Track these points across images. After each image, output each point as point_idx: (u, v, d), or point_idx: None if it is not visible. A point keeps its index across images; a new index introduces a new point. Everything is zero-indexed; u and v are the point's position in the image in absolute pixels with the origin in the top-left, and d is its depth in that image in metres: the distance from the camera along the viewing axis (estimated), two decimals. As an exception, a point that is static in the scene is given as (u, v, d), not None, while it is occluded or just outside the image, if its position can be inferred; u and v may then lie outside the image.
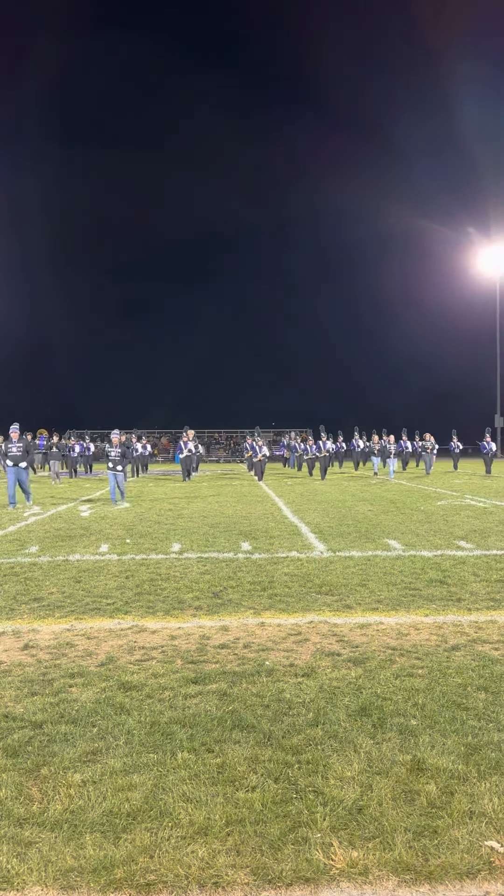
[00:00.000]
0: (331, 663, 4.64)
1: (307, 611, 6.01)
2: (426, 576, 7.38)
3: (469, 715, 3.75)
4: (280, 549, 9.12)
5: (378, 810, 2.85)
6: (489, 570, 7.62)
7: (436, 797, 2.93)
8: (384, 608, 6.09)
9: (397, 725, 3.62)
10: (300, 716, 3.76)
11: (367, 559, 8.37)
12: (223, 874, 2.51)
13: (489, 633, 5.32)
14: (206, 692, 4.11)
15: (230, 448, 53.97)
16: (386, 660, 4.70)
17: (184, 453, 24.02)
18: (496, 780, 3.06)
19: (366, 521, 12.05)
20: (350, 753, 3.33)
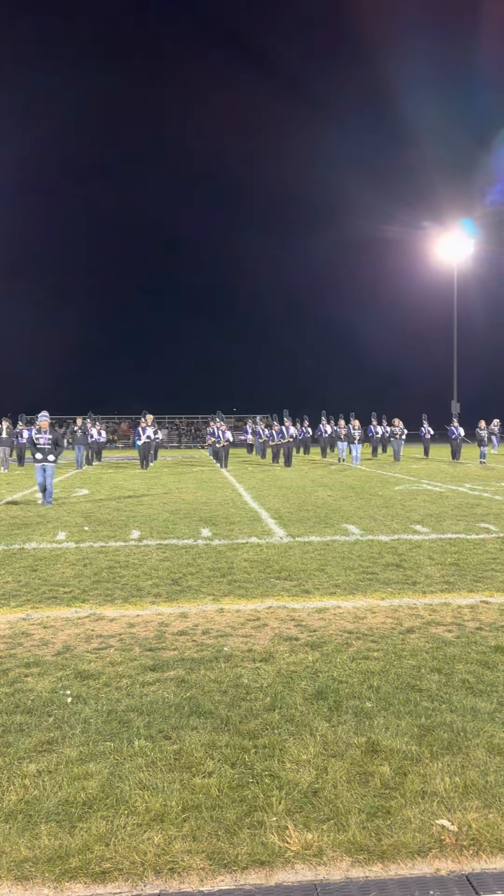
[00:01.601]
0: (288, 648, 4.68)
1: (266, 596, 6.04)
2: (383, 560, 7.48)
3: (423, 696, 3.82)
4: (240, 536, 9.14)
5: (333, 792, 2.89)
6: (444, 554, 7.75)
7: (389, 778, 2.98)
8: (342, 592, 6.15)
9: (353, 708, 3.67)
10: (257, 701, 3.79)
11: (326, 544, 8.44)
12: (179, 860, 2.52)
13: (443, 615, 5.41)
14: (163, 679, 4.11)
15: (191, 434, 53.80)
16: (343, 643, 4.76)
17: (142, 439, 23.81)
18: (448, 760, 3.13)
19: (325, 507, 12.15)
20: (306, 737, 3.36)
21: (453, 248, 46.12)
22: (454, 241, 46.07)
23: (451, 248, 46.20)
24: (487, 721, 3.49)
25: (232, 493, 14.78)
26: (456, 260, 46.26)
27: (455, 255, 46.14)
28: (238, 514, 11.37)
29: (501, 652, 4.53)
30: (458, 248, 46.08)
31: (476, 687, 3.94)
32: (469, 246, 46.57)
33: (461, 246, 46.12)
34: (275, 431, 26.43)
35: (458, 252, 46.11)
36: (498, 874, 2.43)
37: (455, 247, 46.04)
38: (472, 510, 11.52)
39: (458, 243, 46.02)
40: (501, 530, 9.36)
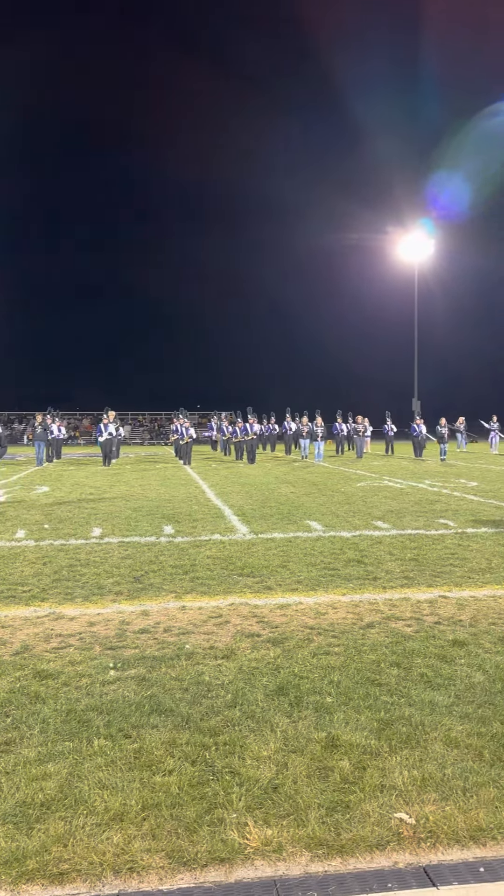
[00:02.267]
0: (250, 644, 4.68)
1: (228, 593, 6.04)
2: (344, 556, 7.53)
3: (382, 691, 3.85)
4: (203, 533, 9.11)
5: (293, 788, 2.90)
6: (404, 549, 7.83)
7: (349, 773, 3.00)
8: (304, 589, 6.18)
9: (313, 703, 3.68)
10: (219, 697, 3.78)
11: (289, 541, 8.47)
12: (138, 859, 2.50)
13: (402, 610, 5.47)
14: (124, 678, 4.08)
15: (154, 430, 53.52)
16: (304, 639, 4.77)
17: (104, 436, 23.59)
18: (406, 753, 3.16)
19: (288, 503, 12.19)
20: (267, 733, 3.37)
21: (414, 249, 46.63)
22: (414, 242, 46.59)
23: (412, 248, 46.70)
24: (445, 714, 3.54)
25: (195, 490, 14.74)
26: (417, 260, 46.77)
27: (416, 255, 46.65)
28: (201, 511, 11.34)
29: (459, 646, 4.59)
30: (419, 249, 46.61)
31: (434, 681, 3.99)
32: (429, 246, 47.14)
33: (421, 246, 46.65)
34: (238, 428, 26.42)
35: (418, 252, 46.63)
36: (454, 866, 2.46)
37: (415, 247, 46.55)
38: (431, 506, 11.66)
39: (419, 243, 46.54)
40: (459, 526, 9.50)
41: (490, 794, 2.82)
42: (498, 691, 3.82)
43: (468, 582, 6.38)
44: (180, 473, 19.82)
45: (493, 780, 2.92)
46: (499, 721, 3.45)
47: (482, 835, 2.60)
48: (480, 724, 3.42)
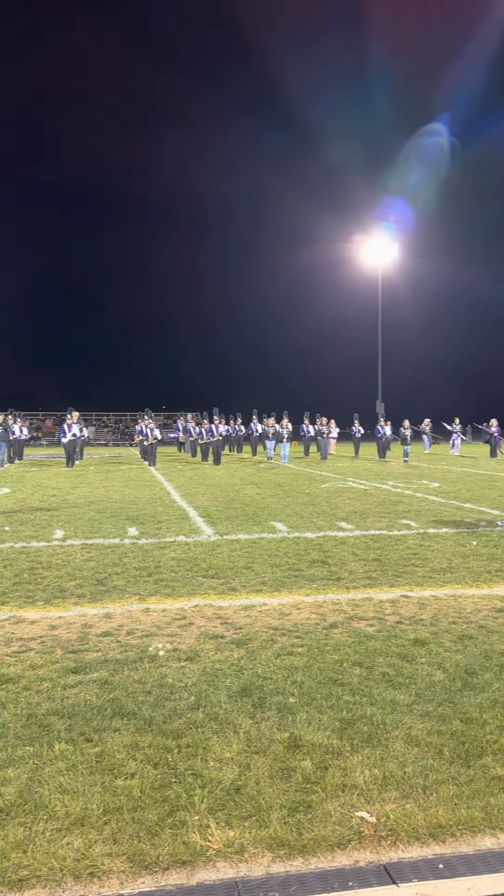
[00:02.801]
0: (214, 646, 4.67)
1: (193, 595, 6.02)
2: (309, 556, 7.56)
3: (344, 690, 3.87)
4: (168, 534, 9.07)
5: (255, 789, 2.90)
6: (367, 550, 7.90)
7: (311, 772, 3.02)
8: (268, 589, 6.19)
9: (276, 704, 3.69)
10: (182, 700, 3.77)
11: (254, 542, 8.48)
12: (99, 864, 2.47)
13: (365, 610, 5.52)
14: (86, 681, 4.04)
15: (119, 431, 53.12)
16: (268, 640, 4.78)
17: (67, 437, 23.33)
18: (368, 752, 3.18)
19: (253, 505, 12.20)
20: (230, 734, 3.36)
21: (377, 253, 47.10)
22: (378, 246, 47.06)
23: (376, 252, 47.17)
24: (406, 713, 3.58)
25: (160, 492, 14.67)
26: (381, 263, 47.24)
27: (379, 259, 47.12)
28: (166, 512, 11.30)
29: (420, 645, 4.64)
30: (382, 253, 47.09)
31: (395, 680, 4.03)
32: (393, 250, 47.64)
33: (385, 250, 47.14)
34: (204, 429, 26.37)
35: (382, 256, 47.10)
36: (414, 863, 2.49)
37: (379, 251, 47.02)
38: (394, 507, 11.78)
39: (382, 247, 47.03)
40: (421, 527, 9.61)
41: (449, 792, 2.86)
42: (457, 689, 3.88)
43: (429, 582, 6.45)
44: (145, 475, 19.70)
45: (452, 778, 2.96)
46: (458, 719, 3.50)
47: (442, 832, 2.64)
48: (440, 723, 3.46)
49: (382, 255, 47.12)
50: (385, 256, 47.26)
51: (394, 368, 53.63)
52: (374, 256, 47.31)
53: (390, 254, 47.46)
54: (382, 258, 47.18)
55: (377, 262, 47.27)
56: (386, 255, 47.27)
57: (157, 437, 25.02)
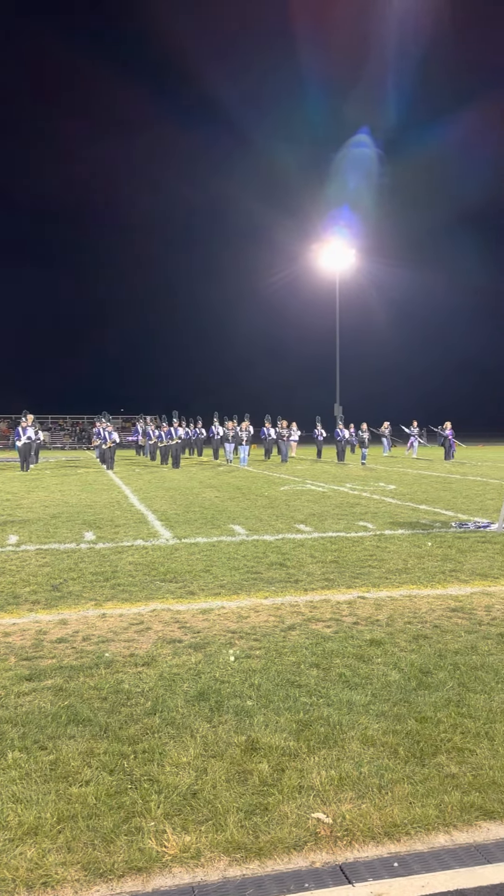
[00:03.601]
0: (171, 651, 4.64)
1: (150, 599, 5.97)
2: (267, 559, 7.58)
3: (301, 692, 3.89)
4: (125, 538, 9.00)
5: (212, 793, 2.89)
6: (325, 552, 7.95)
7: (268, 775, 3.02)
8: (226, 593, 6.18)
9: (233, 707, 3.68)
10: (138, 705, 3.73)
11: (212, 545, 8.46)
12: (53, 873, 2.43)
13: (322, 611, 5.55)
14: (40, 689, 3.97)
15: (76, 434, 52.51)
16: (226, 643, 4.77)
17: (22, 440, 22.96)
18: (324, 753, 3.20)
19: (212, 508, 12.17)
20: (187, 739, 3.34)
21: (334, 258, 47.54)
22: (335, 252, 47.50)
23: (333, 257, 47.61)
24: (362, 713, 3.60)
25: (118, 495, 14.54)
26: (338, 269, 47.67)
27: (337, 264, 47.56)
28: (124, 516, 11.20)
29: (376, 645, 4.69)
30: (339, 258, 47.53)
31: (352, 680, 4.06)
32: (350, 256, 48.12)
33: (342, 256, 47.59)
34: (163, 432, 26.24)
35: (339, 261, 47.55)
36: (369, 862, 2.50)
37: (336, 257, 47.46)
38: (351, 509, 11.88)
39: (339, 253, 47.48)
40: (378, 528, 9.71)
41: (404, 791, 2.89)
42: (412, 689, 3.92)
43: (385, 582, 6.52)
44: (102, 478, 19.51)
45: (407, 777, 2.99)
46: (413, 718, 3.54)
47: (396, 830, 2.66)
48: (396, 722, 3.50)
49: (339, 261, 47.57)
50: (342, 262, 47.71)
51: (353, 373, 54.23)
52: (331, 262, 47.74)
53: (347, 259, 47.93)
54: (339, 263, 47.63)
55: (334, 267, 47.71)
56: (343, 261, 47.72)
57: (116, 440, 24.81)
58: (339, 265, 47.66)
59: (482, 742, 3.29)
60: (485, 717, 3.56)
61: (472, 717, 3.55)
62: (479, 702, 3.74)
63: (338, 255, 47.41)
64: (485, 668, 4.24)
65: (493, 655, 4.49)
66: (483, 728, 3.43)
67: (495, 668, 4.25)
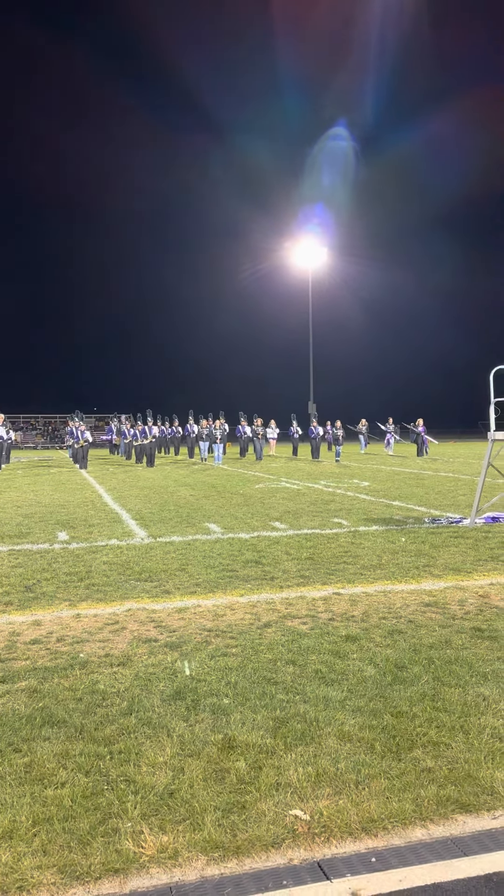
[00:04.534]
0: (147, 650, 4.61)
1: (125, 599, 5.93)
2: (243, 557, 7.57)
3: (278, 689, 3.89)
4: (99, 538, 8.93)
5: (189, 792, 2.87)
6: (300, 549, 7.96)
7: (245, 773, 3.01)
8: (202, 591, 6.16)
9: (210, 706, 3.67)
10: (114, 706, 3.70)
11: (188, 543, 8.43)
12: (28, 876, 2.40)
13: (298, 608, 5.55)
14: (14, 691, 3.92)
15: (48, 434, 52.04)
16: (202, 642, 4.75)
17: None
18: (301, 750, 3.20)
19: (187, 506, 12.14)
20: (163, 738, 3.32)
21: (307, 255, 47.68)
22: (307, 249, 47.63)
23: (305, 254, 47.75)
24: (338, 709, 3.61)
25: (91, 495, 14.43)
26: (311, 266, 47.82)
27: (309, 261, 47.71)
28: (98, 515, 11.12)
29: (351, 641, 4.70)
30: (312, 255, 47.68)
31: (328, 676, 4.06)
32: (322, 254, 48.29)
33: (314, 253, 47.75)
34: (138, 431, 26.10)
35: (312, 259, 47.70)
36: (347, 858, 2.51)
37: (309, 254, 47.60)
38: (326, 506, 11.92)
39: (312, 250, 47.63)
40: (352, 525, 9.75)
41: (381, 786, 2.90)
42: (388, 684, 3.94)
43: (360, 578, 6.55)
44: (76, 478, 19.35)
45: (384, 772, 3.00)
46: (389, 713, 3.55)
47: (374, 826, 2.67)
48: (372, 717, 3.51)
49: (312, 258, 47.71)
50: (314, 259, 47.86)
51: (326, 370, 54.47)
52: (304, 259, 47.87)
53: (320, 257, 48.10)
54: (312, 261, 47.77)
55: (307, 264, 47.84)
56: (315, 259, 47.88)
57: (89, 439, 24.62)
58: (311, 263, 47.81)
59: (457, 736, 3.32)
60: (460, 710, 3.59)
61: (447, 711, 3.58)
62: (454, 696, 3.77)
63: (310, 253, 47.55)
64: (459, 662, 4.27)
65: (466, 649, 4.53)
66: (458, 722, 3.46)
67: (469, 661, 4.29)
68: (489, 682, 3.97)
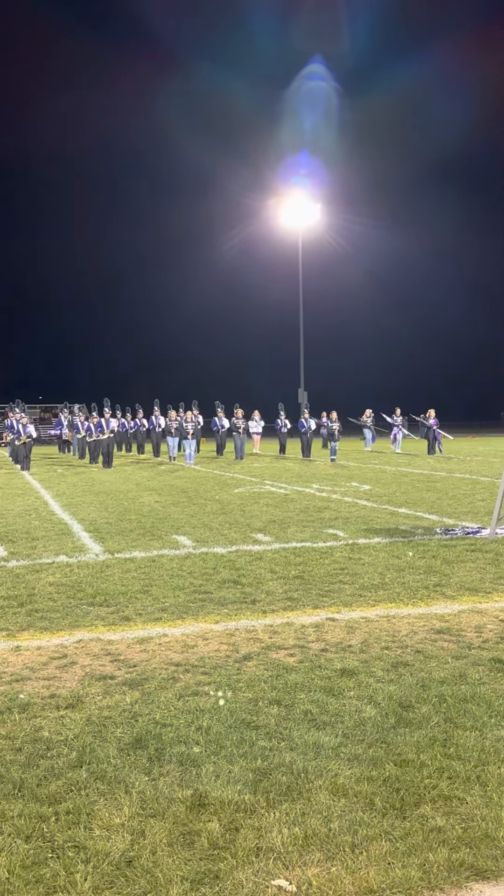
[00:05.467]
0: (102, 689, 4.60)
1: (76, 627, 5.92)
2: (218, 576, 7.57)
3: (259, 734, 3.89)
4: (45, 554, 8.90)
5: (151, 860, 2.86)
6: (287, 566, 7.98)
7: (218, 836, 3.00)
8: (169, 617, 6.15)
9: (177, 756, 3.67)
10: (61, 757, 3.69)
11: (152, 560, 8.43)
12: None
13: (284, 637, 5.57)
14: None
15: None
16: (168, 679, 4.75)
17: None
18: (286, 807, 3.20)
19: (152, 515, 12.13)
20: (120, 796, 3.31)
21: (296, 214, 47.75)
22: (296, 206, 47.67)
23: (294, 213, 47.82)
24: (331, 758, 3.62)
25: (35, 502, 14.38)
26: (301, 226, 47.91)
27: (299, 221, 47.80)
28: (43, 527, 11.08)
29: (348, 676, 4.72)
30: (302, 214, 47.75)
31: (319, 718, 4.07)
32: (315, 211, 48.38)
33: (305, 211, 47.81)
34: (92, 424, 25.98)
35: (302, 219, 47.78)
36: (340, 935, 2.51)
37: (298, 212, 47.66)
38: (319, 514, 11.96)
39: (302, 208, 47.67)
40: (350, 536, 9.79)
41: (381, 849, 2.91)
42: (390, 727, 3.96)
43: (359, 601, 6.58)
44: (16, 481, 19.26)
45: (385, 833, 3.01)
46: (391, 762, 3.57)
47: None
48: (371, 767, 3.52)
49: (302, 216, 47.77)
50: (305, 217, 47.93)
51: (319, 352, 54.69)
52: (292, 218, 47.94)
53: (311, 215, 48.18)
54: (302, 219, 47.83)
55: (296, 224, 47.91)
56: (306, 217, 47.95)
57: (32, 434, 24.52)
58: (301, 222, 47.88)
59: (473, 788, 3.34)
60: (476, 758, 3.61)
61: (462, 759, 3.60)
62: (470, 740, 3.80)
63: (300, 210, 47.60)
64: (475, 700, 4.30)
65: (484, 685, 4.56)
66: (474, 771, 3.48)
67: (487, 699, 4.32)
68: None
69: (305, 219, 47.99)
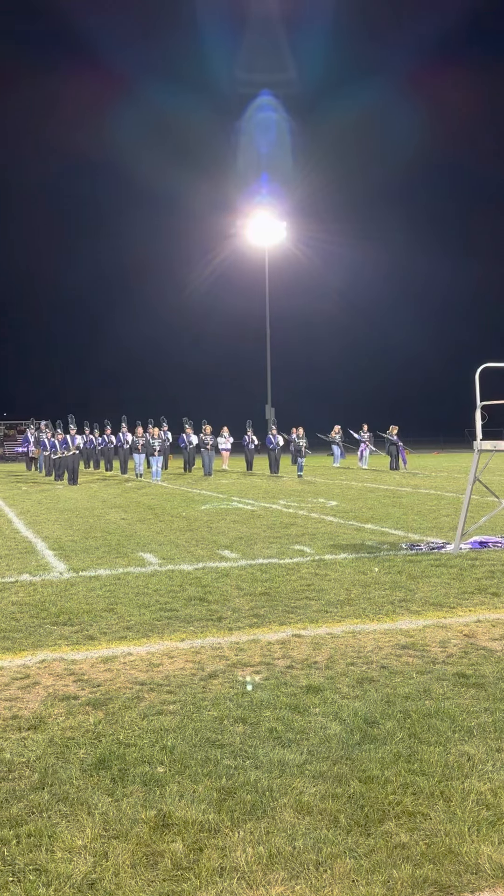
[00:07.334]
0: (65, 709, 4.55)
1: (39, 647, 5.85)
2: (185, 593, 7.54)
3: (224, 753, 3.87)
4: (7, 573, 8.80)
5: (114, 882, 2.83)
6: (254, 582, 7.97)
7: (182, 856, 2.98)
8: (134, 636, 6.11)
9: (141, 776, 3.63)
10: (23, 779, 3.64)
11: (117, 578, 8.37)
12: None
13: (251, 654, 5.55)
14: None
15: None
16: (133, 698, 4.71)
17: None
18: (251, 826, 3.18)
19: (117, 533, 12.06)
20: (83, 817, 3.28)
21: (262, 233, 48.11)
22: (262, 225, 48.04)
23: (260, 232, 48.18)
24: (296, 776, 3.61)
25: None
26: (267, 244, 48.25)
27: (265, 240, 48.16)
28: (6, 545, 10.96)
29: (313, 692, 4.72)
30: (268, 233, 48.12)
31: (285, 736, 4.07)
32: (281, 229, 48.76)
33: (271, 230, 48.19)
34: (58, 441, 25.78)
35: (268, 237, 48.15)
36: None
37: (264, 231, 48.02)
38: (285, 530, 11.98)
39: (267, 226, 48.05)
40: (317, 552, 9.81)
41: (346, 867, 2.90)
42: (355, 743, 3.96)
43: (325, 617, 6.59)
44: (-18, 499, 19.04)
45: (349, 850, 3.01)
46: (356, 779, 3.57)
47: (336, 914, 2.67)
48: (336, 784, 3.52)
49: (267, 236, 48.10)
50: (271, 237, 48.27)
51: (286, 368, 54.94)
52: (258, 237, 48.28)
53: (277, 233, 48.53)
54: (268, 238, 48.16)
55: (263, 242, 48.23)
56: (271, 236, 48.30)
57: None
58: (267, 240, 48.20)
59: (437, 804, 3.35)
60: (440, 773, 3.62)
61: (426, 775, 3.61)
62: (434, 755, 3.81)
63: (265, 229, 47.95)
64: (439, 715, 4.32)
65: (448, 700, 4.58)
66: (438, 787, 3.49)
67: (451, 714, 4.34)
68: (475, 739, 4.02)
69: (271, 237, 48.33)
